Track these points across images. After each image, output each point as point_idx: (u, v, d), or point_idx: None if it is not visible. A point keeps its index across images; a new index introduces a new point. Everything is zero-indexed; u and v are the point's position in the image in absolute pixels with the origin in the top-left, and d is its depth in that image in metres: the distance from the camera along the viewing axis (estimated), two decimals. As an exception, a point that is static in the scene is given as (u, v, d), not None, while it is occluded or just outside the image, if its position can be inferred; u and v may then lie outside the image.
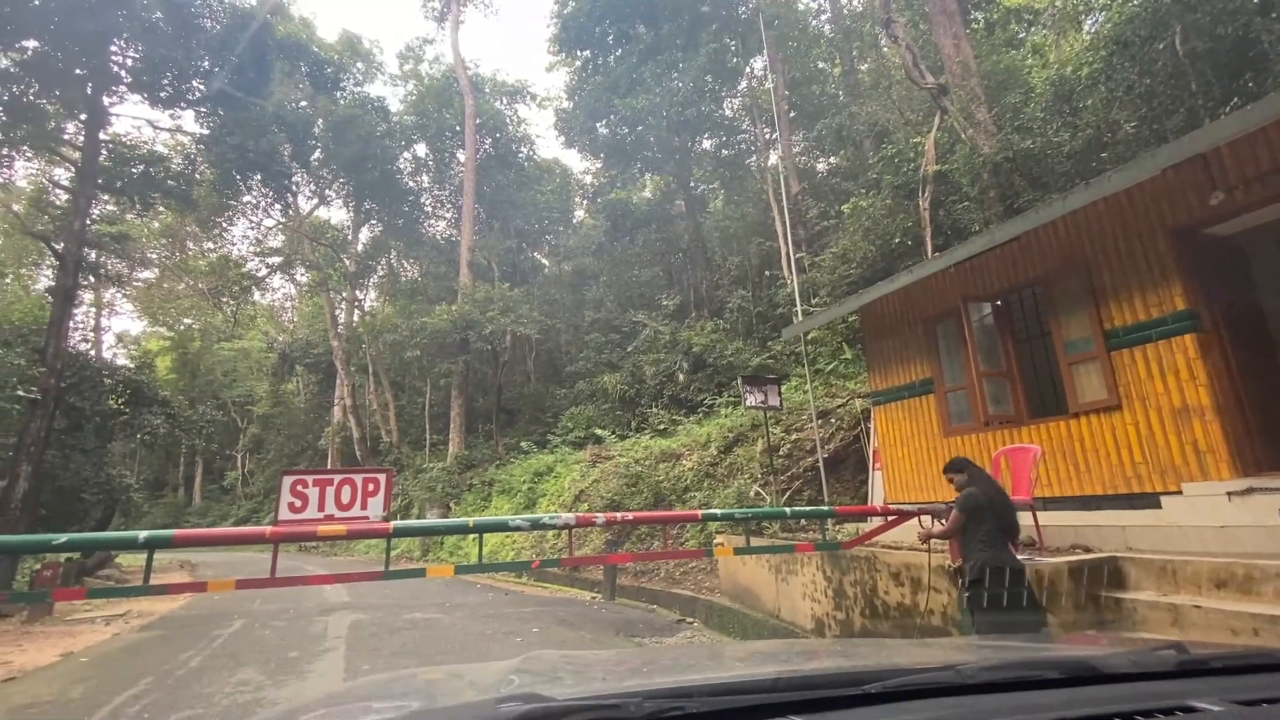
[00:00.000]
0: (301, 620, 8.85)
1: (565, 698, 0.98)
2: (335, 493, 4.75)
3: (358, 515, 4.79)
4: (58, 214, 18.78)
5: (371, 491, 4.84)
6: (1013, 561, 3.77)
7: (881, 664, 1.35)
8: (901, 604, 4.88)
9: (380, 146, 29.68)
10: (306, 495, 4.69)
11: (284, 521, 4.59)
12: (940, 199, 12.27)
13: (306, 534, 4.78)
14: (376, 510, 4.86)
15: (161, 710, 4.81)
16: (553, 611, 9.03)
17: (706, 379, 16.97)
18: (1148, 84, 9.23)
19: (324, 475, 4.84)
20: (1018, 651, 1.65)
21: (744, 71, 24.17)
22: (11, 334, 15.43)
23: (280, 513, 4.65)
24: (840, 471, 9.56)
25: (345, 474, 4.86)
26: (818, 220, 18.01)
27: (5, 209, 24.83)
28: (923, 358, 7.16)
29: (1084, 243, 5.65)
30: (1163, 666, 1.15)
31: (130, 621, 9.78)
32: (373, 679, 1.93)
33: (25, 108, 15.64)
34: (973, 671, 1.07)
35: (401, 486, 24.16)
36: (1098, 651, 1.46)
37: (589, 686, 1.29)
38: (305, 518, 4.68)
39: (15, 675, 6.23)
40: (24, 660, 6.93)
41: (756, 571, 7.27)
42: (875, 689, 1.00)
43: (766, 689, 1.02)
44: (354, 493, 4.80)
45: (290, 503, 4.66)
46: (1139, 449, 5.15)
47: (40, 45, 14.92)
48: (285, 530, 4.49)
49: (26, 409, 13.47)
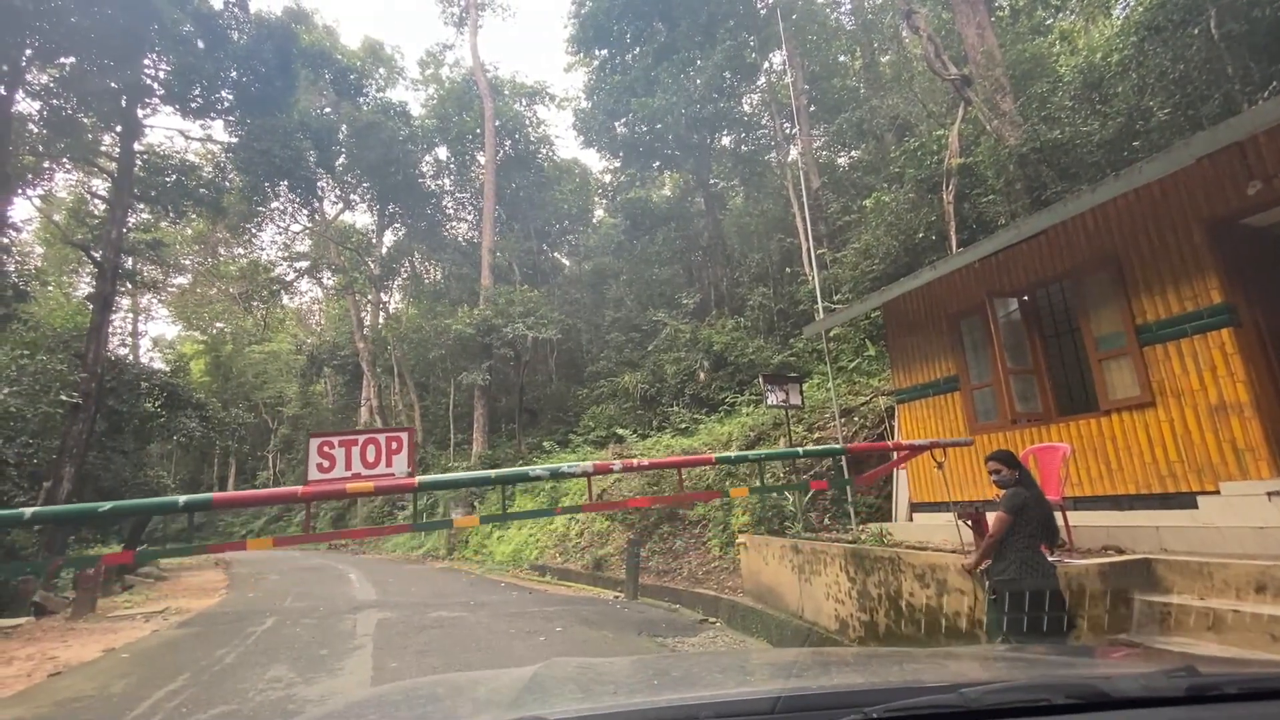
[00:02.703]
0: (331, 618, 9.03)
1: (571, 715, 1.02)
2: (360, 452, 4.92)
3: (384, 472, 4.94)
4: (95, 223, 19.42)
5: (395, 449, 5.00)
6: (1045, 565, 3.67)
7: (887, 684, 1.35)
8: (927, 606, 4.81)
9: (402, 150, 30.12)
10: (333, 456, 4.86)
11: (314, 481, 4.77)
12: (965, 192, 12.04)
13: (336, 491, 4.94)
14: (401, 466, 5.00)
15: (199, 706, 4.95)
16: (575, 610, 9.09)
17: (728, 377, 16.90)
18: (1181, 69, 8.94)
19: (349, 436, 5.02)
20: (1031, 667, 1.62)
21: (762, 67, 23.98)
22: (54, 340, 15.99)
23: (310, 473, 4.83)
24: (864, 470, 9.43)
25: (369, 434, 5.04)
26: (839, 215, 17.81)
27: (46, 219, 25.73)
28: (947, 354, 7.04)
29: (1114, 235, 5.50)
30: (1174, 692, 1.11)
31: (168, 619, 10.09)
32: (393, 687, 1.97)
33: (64, 121, 16.20)
34: (976, 695, 1.05)
35: (427, 486, 24.45)
36: (1109, 673, 1.43)
37: (597, 703, 1.31)
38: (334, 477, 4.85)
39: (61, 670, 6.47)
40: (69, 656, 7.19)
41: (780, 571, 7.23)
42: (876, 713, 1.00)
43: (765, 711, 1.04)
44: (379, 451, 4.96)
45: (319, 464, 4.83)
46: (1174, 447, 5.01)
47: (78, 61, 15.43)
48: (315, 489, 4.68)
49: (69, 413, 13.95)
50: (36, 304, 19.53)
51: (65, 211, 24.99)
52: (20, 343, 14.63)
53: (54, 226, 25.01)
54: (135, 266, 21.66)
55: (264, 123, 18.89)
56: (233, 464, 45.05)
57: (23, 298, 13.89)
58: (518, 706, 1.27)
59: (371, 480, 4.88)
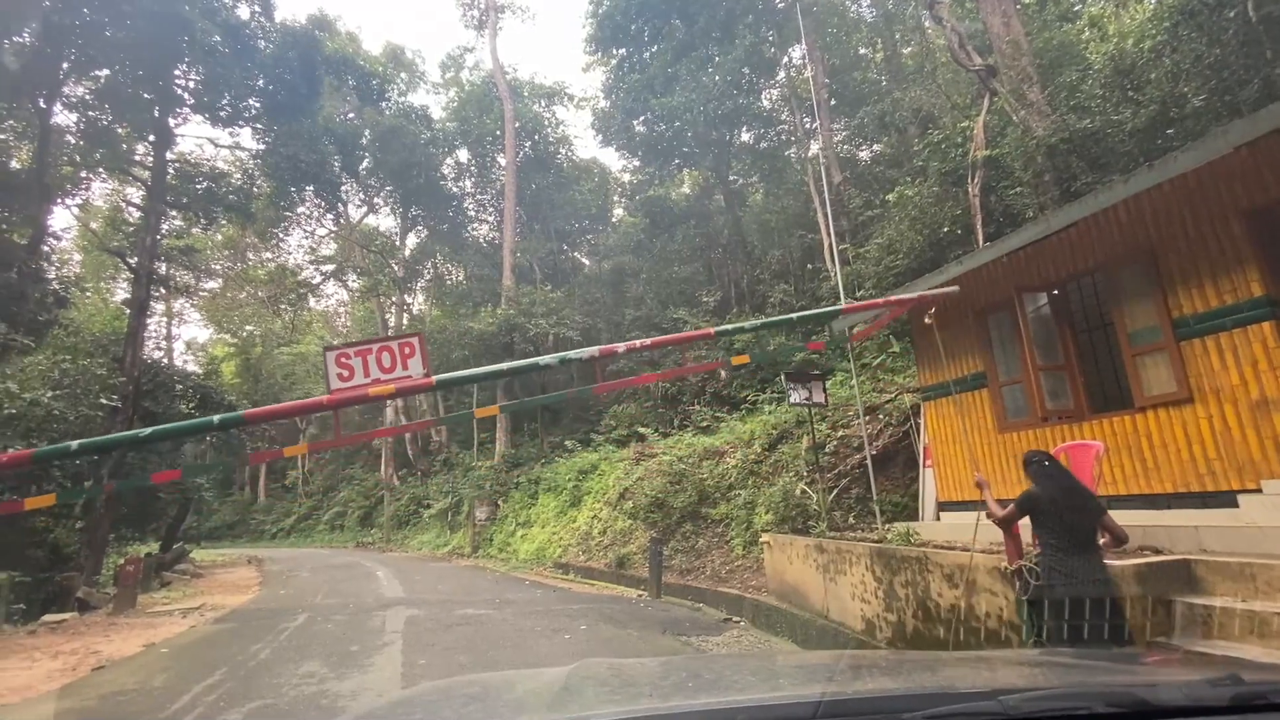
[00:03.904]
0: (360, 615, 9.20)
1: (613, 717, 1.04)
2: (376, 359, 5.14)
3: (401, 375, 5.15)
4: (130, 230, 19.99)
5: (409, 354, 5.21)
6: (1087, 569, 3.45)
7: (925, 689, 1.34)
8: (955, 606, 4.74)
9: (424, 154, 30.49)
10: (351, 365, 5.09)
11: (337, 390, 5.01)
12: (991, 185, 11.81)
13: (359, 397, 5.14)
14: (417, 368, 5.22)
15: (236, 699, 5.09)
16: (600, 609, 9.13)
17: (749, 375, 16.82)
18: (1217, 54, 8.66)
19: (363, 345, 5.24)
20: (1069, 673, 1.61)
21: (781, 62, 23.80)
22: (93, 345, 16.50)
23: (331, 383, 5.06)
24: (889, 469, 9.34)
25: (382, 342, 5.26)
26: (861, 210, 17.59)
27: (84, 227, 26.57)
28: (975, 351, 6.93)
29: (1149, 227, 5.36)
30: (1218, 701, 1.09)
31: (205, 615, 10.37)
32: (430, 687, 2.03)
33: (100, 132, 16.70)
34: (1016, 703, 1.05)
35: (451, 485, 24.82)
36: (1151, 680, 1.41)
37: (634, 706, 1.31)
38: (355, 384, 5.08)
39: (104, 664, 6.70)
40: (111, 650, 7.44)
41: (804, 571, 7.18)
42: (915, 719, 1.01)
43: (806, 716, 1.04)
44: (393, 357, 5.18)
45: (339, 374, 5.06)
46: (1212, 444, 4.87)
47: (112, 74, 15.90)
48: (340, 396, 4.94)
49: (108, 415, 14.40)
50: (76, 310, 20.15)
51: (102, 219, 25.77)
52: (61, 347, 15.12)
53: (92, 234, 25.80)
54: (169, 272, 22.30)
55: (290, 128, 19.28)
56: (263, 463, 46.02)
57: (63, 304, 14.35)
58: (557, 709, 1.28)
59: (392, 383, 5.10)
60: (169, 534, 21.23)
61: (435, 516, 24.94)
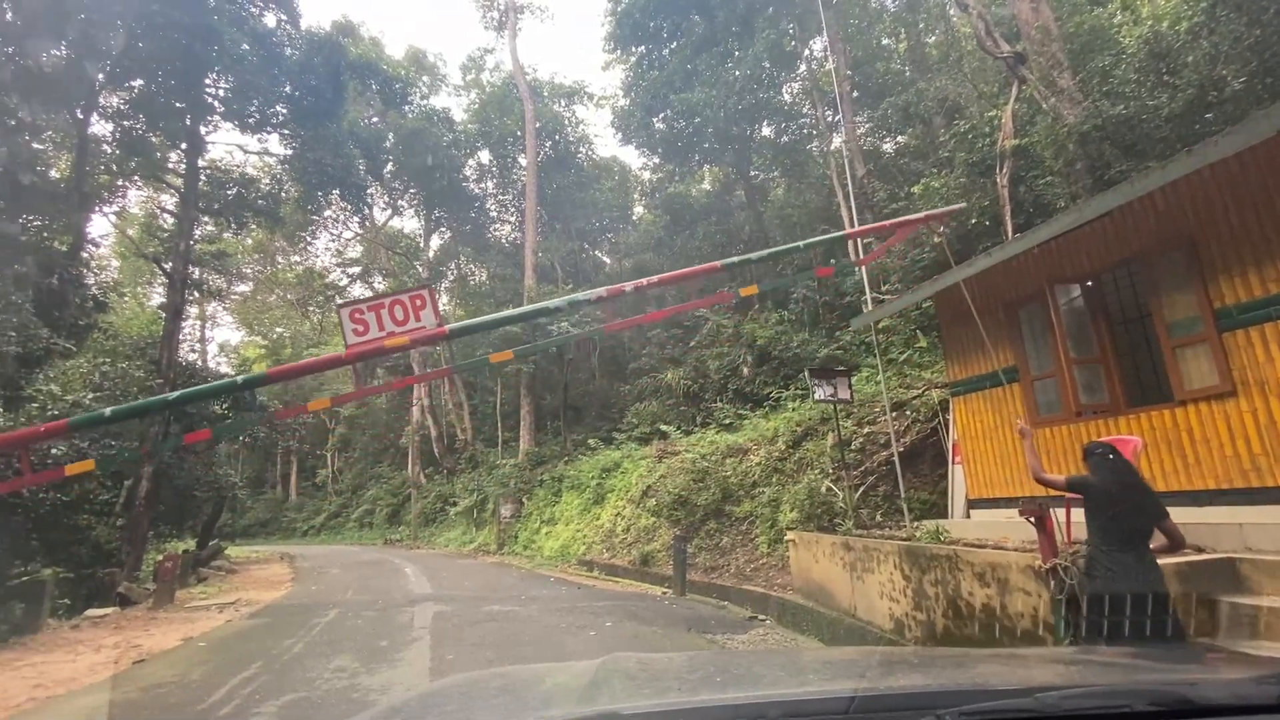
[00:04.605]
0: (390, 611, 9.35)
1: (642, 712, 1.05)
2: (389, 313, 5.31)
3: (414, 326, 5.33)
4: (165, 237, 20.57)
5: (420, 306, 5.39)
6: (1138, 567, 3.27)
7: (959, 686, 1.32)
8: (987, 605, 4.64)
9: (447, 156, 30.82)
10: (365, 320, 5.28)
11: (353, 345, 5.20)
12: (1020, 175, 11.55)
13: (375, 349, 5.32)
14: (429, 319, 5.40)
15: (270, 693, 5.20)
16: (624, 606, 9.15)
17: (772, 372, 16.69)
18: (1257, 35, 8.34)
19: (375, 301, 5.41)
20: (1106, 672, 1.56)
21: (802, 55, 23.51)
22: (131, 348, 17.01)
23: (347, 339, 5.25)
24: (917, 466, 9.19)
25: (394, 295, 5.42)
26: (885, 203, 17.32)
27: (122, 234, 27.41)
28: (1005, 344, 6.77)
29: (1188, 214, 5.18)
30: (1264, 699, 1.05)
31: (240, 610, 10.63)
32: (463, 678, 2.02)
33: (135, 141, 17.20)
34: (1053, 700, 1.02)
35: (477, 483, 25.09)
36: (1194, 678, 1.36)
37: (665, 700, 1.31)
38: (370, 338, 5.27)
39: (144, 658, 6.91)
40: (151, 644, 7.66)
41: (830, 569, 7.11)
42: (950, 716, 0.98)
43: (839, 711, 1.03)
44: (406, 309, 5.35)
45: (354, 329, 5.26)
46: (1258, 439, 4.69)
47: (145, 83, 16.36)
48: (356, 350, 5.14)
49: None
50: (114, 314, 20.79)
51: (139, 226, 26.56)
52: (101, 351, 15.61)
53: (129, 241, 26.61)
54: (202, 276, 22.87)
55: (316, 133, 19.64)
56: (294, 462, 47.07)
57: (102, 308, 14.81)
58: (588, 701, 1.28)
59: (406, 334, 5.27)
60: (205, 531, 21.82)
61: (461, 514, 25.22)
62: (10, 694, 5.46)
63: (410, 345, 5.41)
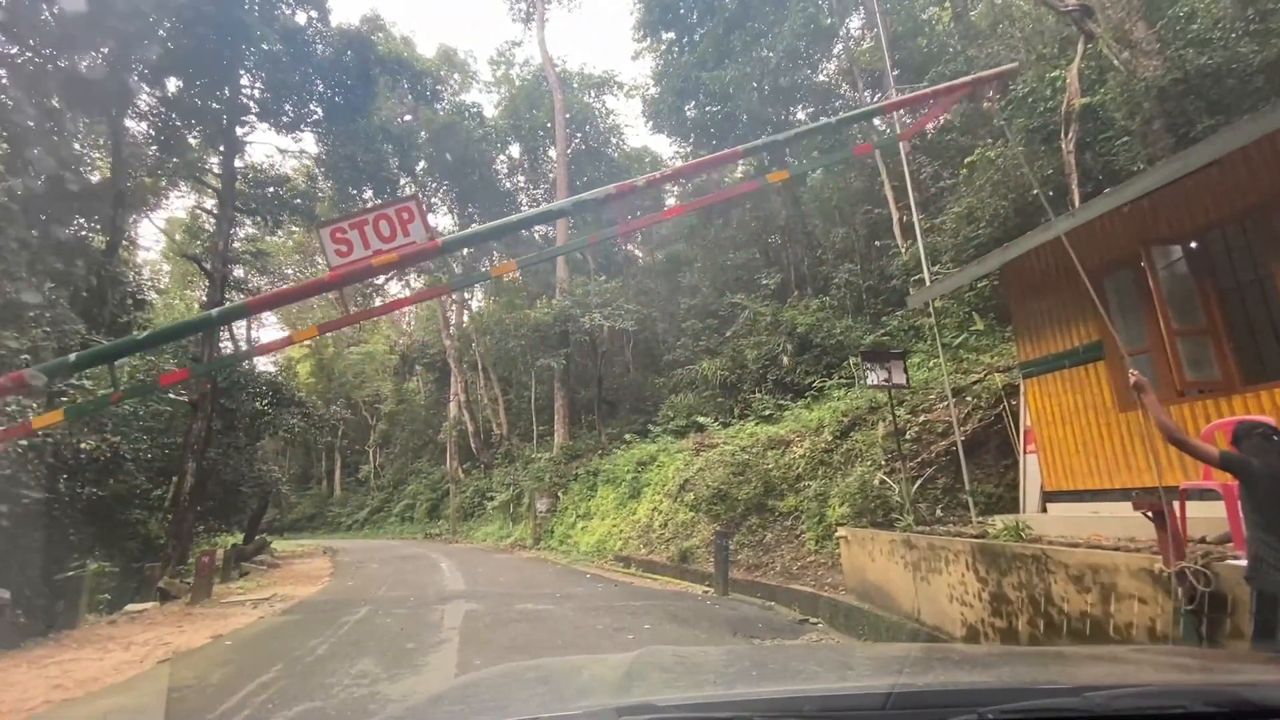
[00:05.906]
0: (421, 609, 9.07)
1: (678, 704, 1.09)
2: (374, 229, 4.99)
3: (403, 242, 5.01)
4: (205, 238, 20.92)
5: (408, 219, 5.05)
6: None
7: (1003, 683, 1.26)
8: (1087, 615, 3.98)
9: (478, 151, 30.78)
10: (349, 240, 4.97)
11: (338, 266, 4.96)
12: (1086, 140, 10.59)
13: (362, 268, 5.06)
14: (419, 233, 5.05)
15: (286, 699, 4.89)
16: (664, 606, 8.67)
17: (813, 360, 15.94)
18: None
19: (357, 217, 5.11)
20: (1159, 671, 1.46)
21: (839, 32, 22.56)
22: (173, 346, 17.27)
23: (331, 260, 4.97)
24: (979, 456, 8.43)
25: (378, 210, 5.12)
26: (931, 182, 16.36)
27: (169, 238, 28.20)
28: (1086, 318, 6.01)
29: (1321, 156, 4.39)
30: None
31: (274, 605, 10.54)
32: (500, 670, 1.95)
33: (174, 142, 17.47)
34: (1103, 700, 0.97)
35: (513, 477, 24.98)
36: (1253, 680, 1.29)
37: (701, 693, 1.31)
38: (356, 257, 4.95)
39: (169, 657, 6.73)
40: (180, 641, 7.52)
41: (889, 568, 6.47)
42: (992, 714, 0.93)
43: (877, 706, 1.00)
44: (392, 224, 5.02)
45: (337, 249, 4.95)
46: None
47: (180, 84, 16.55)
48: (342, 271, 4.96)
49: (189, 412, 15.01)
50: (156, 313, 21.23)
51: (182, 229, 27.24)
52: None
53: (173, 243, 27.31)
54: (244, 275, 23.26)
55: (347, 129, 19.68)
56: (337, 458, 48.12)
57: (140, 306, 14.99)
58: (624, 693, 1.26)
59: (394, 251, 4.96)
60: (251, 526, 22.23)
61: (498, 509, 25.15)
62: (29, 695, 5.29)
63: (401, 263, 5.11)
